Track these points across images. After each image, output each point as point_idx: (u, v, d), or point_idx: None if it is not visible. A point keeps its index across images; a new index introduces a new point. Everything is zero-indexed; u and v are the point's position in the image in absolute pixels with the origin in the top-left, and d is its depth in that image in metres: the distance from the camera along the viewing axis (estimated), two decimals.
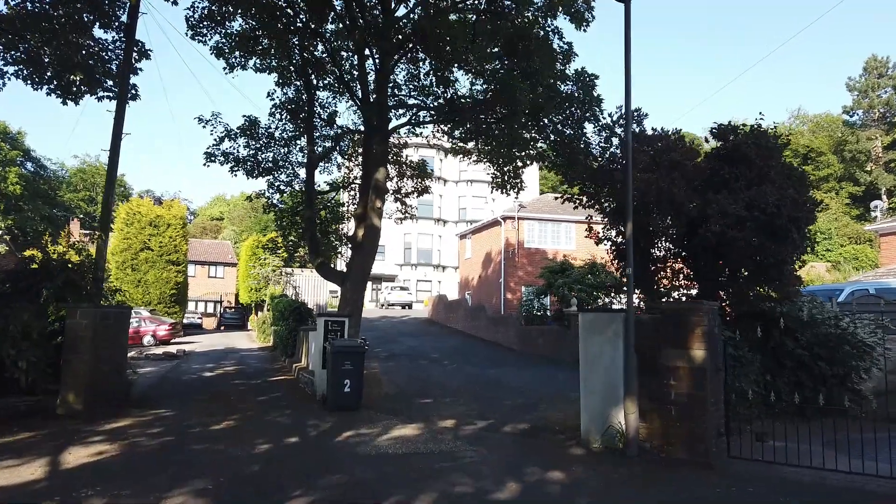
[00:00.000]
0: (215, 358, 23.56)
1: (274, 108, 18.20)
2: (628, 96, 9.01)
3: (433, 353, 22.89)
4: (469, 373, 17.53)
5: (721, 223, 10.56)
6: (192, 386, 15.18)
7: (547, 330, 23.41)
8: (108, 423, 9.62)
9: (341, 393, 10.93)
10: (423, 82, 17.95)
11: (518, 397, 13.03)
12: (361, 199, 15.71)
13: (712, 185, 11.53)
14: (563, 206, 34.37)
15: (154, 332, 31.19)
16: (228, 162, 17.65)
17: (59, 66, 13.39)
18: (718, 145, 12.20)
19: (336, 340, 11.55)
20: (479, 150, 17.39)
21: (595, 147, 12.81)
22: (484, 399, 12.79)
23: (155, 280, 36.90)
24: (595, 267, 24.24)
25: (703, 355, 7.61)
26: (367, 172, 15.84)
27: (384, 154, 14.99)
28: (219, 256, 58.79)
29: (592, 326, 8.36)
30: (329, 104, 19.33)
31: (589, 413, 8.32)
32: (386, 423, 9.94)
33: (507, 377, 16.53)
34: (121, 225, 37.36)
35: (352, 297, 14.73)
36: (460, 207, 55.01)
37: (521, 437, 9.17)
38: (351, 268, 15.03)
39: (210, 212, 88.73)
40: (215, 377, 17.15)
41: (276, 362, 21.60)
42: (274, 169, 18.69)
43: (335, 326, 12.33)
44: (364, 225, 14.91)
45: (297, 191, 19.18)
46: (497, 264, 32.22)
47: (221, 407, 11.56)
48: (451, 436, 9.08)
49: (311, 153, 17.00)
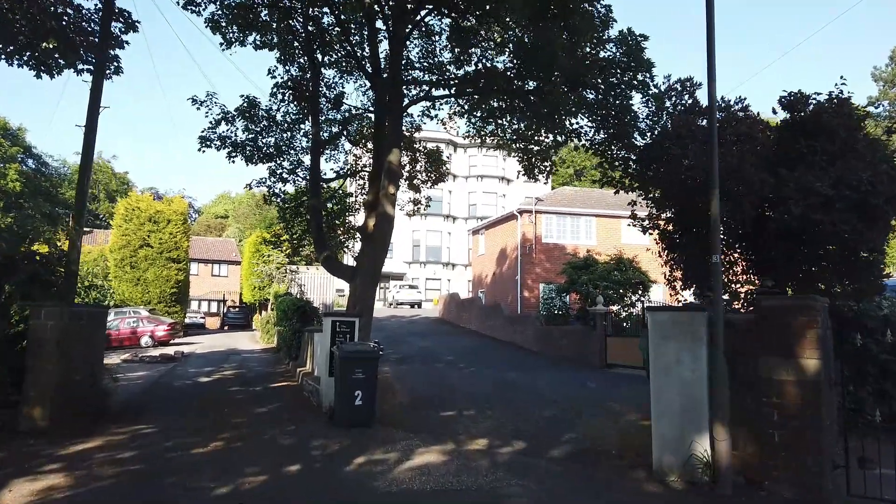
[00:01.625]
0: (215, 361, 22.00)
1: (275, 88, 16.59)
2: (711, 29, 7.27)
3: (447, 354, 21.26)
4: (489, 377, 15.89)
5: (803, 204, 8.88)
6: (185, 394, 13.59)
7: (569, 330, 21.74)
8: (75, 444, 8.03)
9: (352, 406, 9.28)
10: (438, 59, 16.30)
11: (550, 407, 11.37)
12: (372, 186, 14.07)
13: (784, 161, 9.84)
14: (583, 199, 32.80)
15: (152, 332, 29.66)
16: (225, 147, 16.06)
17: (31, 33, 11.78)
18: (788, 117, 10.50)
19: (345, 344, 9.91)
20: (502, 131, 15.71)
21: (643, 121, 11.10)
22: (512, 409, 11.15)
23: (155, 278, 35.32)
24: (622, 262, 22.53)
25: (817, 366, 5.94)
26: (378, 156, 14.21)
27: (398, 134, 13.34)
28: (222, 254, 57.24)
29: (666, 329, 6.68)
30: (335, 85, 17.71)
31: (662, 437, 6.65)
32: (405, 443, 8.29)
33: (532, 382, 14.87)
34: (119, 221, 35.81)
35: (362, 294, 13.08)
36: (470, 203, 53.30)
37: (572, 462, 7.50)
38: (361, 262, 13.38)
39: (214, 210, 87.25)
40: (212, 383, 15.55)
41: (279, 366, 20.01)
42: (276, 155, 17.08)
43: (344, 328, 10.69)
44: (375, 214, 13.27)
45: (301, 179, 17.58)
46: (513, 261, 30.52)
47: (212, 421, 9.95)
48: (486, 462, 7.43)
49: (317, 136, 15.37)
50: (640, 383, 15.28)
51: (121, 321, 29.84)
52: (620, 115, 11.00)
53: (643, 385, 15.14)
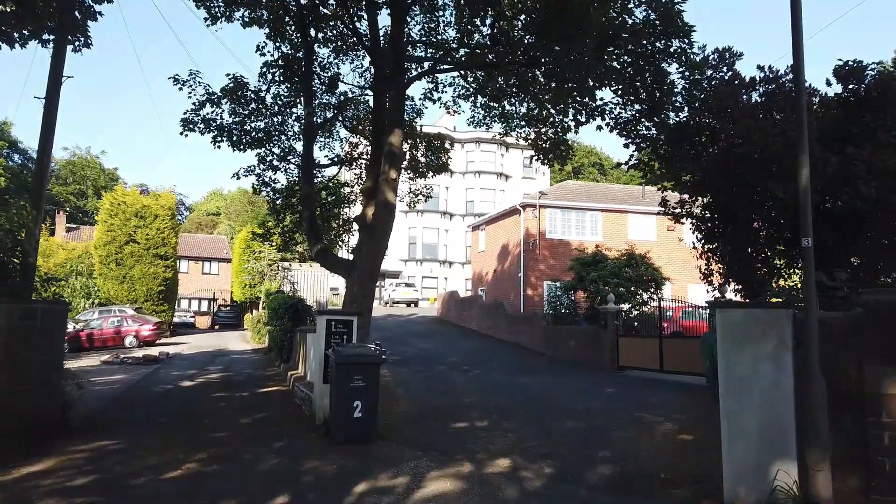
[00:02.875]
0: (201, 362, 20.64)
1: (265, 68, 15.26)
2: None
3: (450, 356, 20.00)
4: (498, 382, 14.64)
5: (875, 184, 7.66)
6: (163, 401, 12.27)
7: (578, 330, 20.49)
8: (20, 467, 6.72)
9: (350, 419, 7.99)
10: (443, 36, 15.03)
11: (574, 418, 10.11)
12: (371, 171, 12.78)
13: (844, 137, 8.61)
14: (588, 193, 31.50)
15: (137, 332, 28.24)
16: (210, 130, 14.74)
17: None
18: (844, 90, 9.28)
19: (342, 346, 8.60)
20: (510, 116, 14.42)
21: (678, 94, 9.80)
22: (530, 420, 9.89)
23: (141, 276, 33.83)
24: (633, 258, 21.30)
25: None
26: (377, 139, 12.92)
27: (400, 113, 12.03)
28: (213, 252, 55.74)
29: (742, 331, 5.40)
30: (330, 66, 16.41)
31: (738, 464, 5.38)
32: (413, 465, 7.01)
33: (547, 388, 13.63)
34: (104, 216, 34.31)
35: (359, 291, 11.78)
36: (467, 200, 51.95)
37: (622, 494, 6.22)
38: (359, 255, 12.07)
39: (206, 207, 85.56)
40: (195, 388, 14.23)
41: (269, 367, 18.68)
42: (265, 141, 15.77)
43: (340, 328, 9.39)
44: (375, 202, 11.98)
45: (293, 166, 16.26)
46: (515, 257, 29.23)
47: (190, 436, 8.64)
48: (514, 491, 6.15)
49: (310, 119, 14.05)
50: (660, 388, 14.08)
51: (104, 320, 28.43)
52: (654, 87, 9.72)
53: (665, 390, 13.98)
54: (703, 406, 10.32)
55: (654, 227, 29.03)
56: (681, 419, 9.72)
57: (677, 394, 12.86)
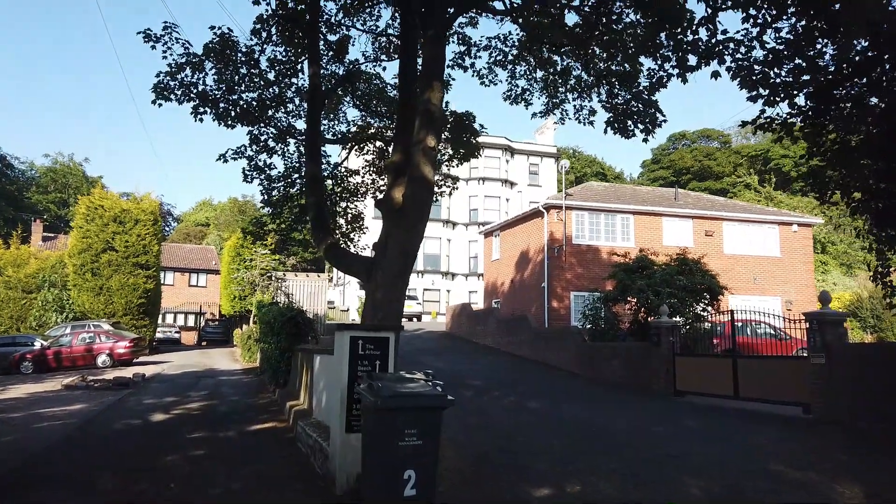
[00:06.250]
0: (182, 386, 17.47)
1: (259, 24, 12.28)
2: None
3: (472, 377, 16.98)
4: (544, 414, 11.75)
5: None
6: (121, 445, 9.17)
7: (622, 348, 17.54)
8: None
9: (399, 497, 4.94)
10: None
11: (688, 473, 7.15)
12: (399, 142, 9.79)
13: None
14: (615, 195, 28.40)
15: (111, 349, 24.98)
16: (189, 98, 11.76)
17: None
18: None
19: (380, 379, 5.52)
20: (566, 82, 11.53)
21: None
22: (631, 481, 6.90)
23: (119, 287, 30.58)
24: (685, 264, 18.37)
25: None
26: (405, 99, 9.95)
27: (439, 60, 9.06)
28: (201, 263, 52.35)
29: None
30: (339, 27, 13.50)
31: None
32: None
33: (613, 423, 10.74)
34: (80, 221, 31.11)
35: (385, 296, 8.69)
36: (471, 208, 48.99)
37: None
38: (383, 250, 8.99)
39: (195, 217, 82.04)
40: (167, 424, 11.09)
41: (261, 393, 15.55)
42: (259, 115, 12.80)
43: (370, 349, 6.35)
44: (406, 180, 8.99)
45: (293, 147, 13.32)
46: (537, 265, 26.21)
47: None
48: None
49: (316, 80, 11.06)
50: (751, 421, 11.10)
51: (74, 336, 25.18)
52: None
53: (764, 425, 10.80)
54: (851, 455, 7.38)
55: (691, 231, 26.16)
56: (825, 467, 6.84)
57: (787, 430, 9.97)
